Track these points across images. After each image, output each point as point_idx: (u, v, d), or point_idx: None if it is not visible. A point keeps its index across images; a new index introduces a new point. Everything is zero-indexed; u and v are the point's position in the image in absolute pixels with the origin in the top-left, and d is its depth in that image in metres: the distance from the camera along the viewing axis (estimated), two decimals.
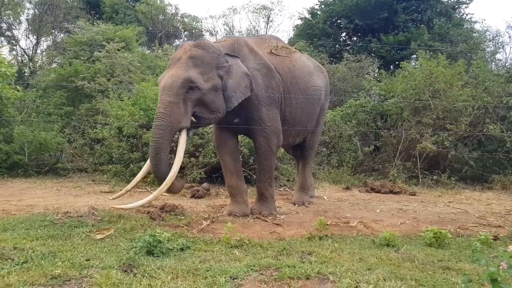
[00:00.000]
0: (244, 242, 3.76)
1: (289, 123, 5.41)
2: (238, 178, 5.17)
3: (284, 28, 42.84)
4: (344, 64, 12.56)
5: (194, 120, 4.64)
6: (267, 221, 4.84)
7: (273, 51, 5.37)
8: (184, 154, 7.09)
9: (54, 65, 14.05)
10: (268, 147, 5.07)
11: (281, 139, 5.24)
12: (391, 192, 7.34)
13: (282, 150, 7.17)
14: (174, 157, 4.68)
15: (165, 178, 4.33)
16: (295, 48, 6.85)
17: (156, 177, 4.57)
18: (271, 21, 18.95)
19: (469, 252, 3.46)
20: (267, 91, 5.00)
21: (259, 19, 18.90)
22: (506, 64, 13.63)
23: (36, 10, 15.68)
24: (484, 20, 20.53)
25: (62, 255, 3.18)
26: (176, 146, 4.74)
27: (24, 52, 15.65)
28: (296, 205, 5.84)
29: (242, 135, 5.95)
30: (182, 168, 7.22)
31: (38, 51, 16.17)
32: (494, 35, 16.75)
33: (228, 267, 3.08)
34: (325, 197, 6.65)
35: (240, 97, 4.72)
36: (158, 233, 3.43)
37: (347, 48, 14.97)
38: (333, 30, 15.81)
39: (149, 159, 4.53)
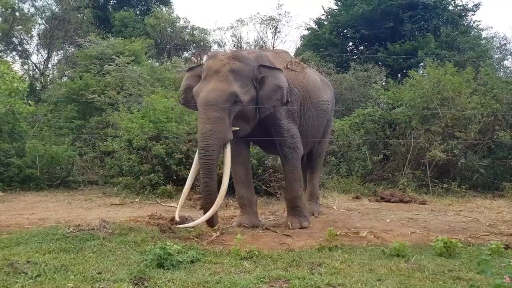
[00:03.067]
0: (254, 254, 3.77)
1: (301, 135, 5.47)
2: (248, 189, 5.20)
3: (291, 39, 43.10)
4: (351, 73, 12.59)
5: None
6: (276, 232, 4.85)
7: (288, 66, 5.42)
8: None
9: (65, 79, 14.27)
10: (296, 158, 5.12)
11: (302, 149, 5.30)
12: (401, 201, 7.30)
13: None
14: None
15: (214, 196, 4.35)
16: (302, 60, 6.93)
17: (207, 195, 4.41)
18: (278, 32, 19.06)
19: (475, 263, 3.43)
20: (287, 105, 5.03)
21: (266, 30, 19.03)
22: None
23: (47, 25, 15.97)
24: (492, 27, 20.40)
25: (74, 268, 3.22)
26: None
27: (36, 66, 15.92)
28: None
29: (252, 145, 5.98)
30: None
31: (49, 65, 16.44)
32: (502, 42, 16.68)
33: (238, 279, 3.10)
34: (335, 207, 6.64)
35: (269, 109, 4.75)
36: (168, 246, 3.46)
37: (354, 57, 14.99)
38: (339, 40, 15.88)
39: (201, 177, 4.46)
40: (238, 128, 4.59)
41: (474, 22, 16.38)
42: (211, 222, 4.50)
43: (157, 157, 7.30)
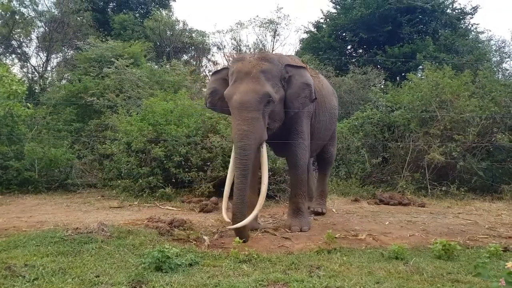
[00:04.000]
0: (253, 257, 3.77)
1: (314, 138, 5.62)
2: (252, 192, 5.19)
3: (290, 42, 43.10)
4: (350, 76, 12.62)
5: None
6: (275, 235, 4.84)
7: None
8: (193, 168, 7.20)
9: (64, 81, 14.28)
10: (304, 161, 5.18)
11: (309, 153, 5.41)
12: (400, 203, 7.30)
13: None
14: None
15: (246, 197, 4.39)
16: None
17: (241, 196, 4.34)
18: (278, 35, 19.09)
19: (473, 265, 3.43)
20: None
21: (266, 33, 19.06)
22: None
23: (46, 28, 15.98)
24: (490, 30, 20.48)
25: (72, 271, 3.22)
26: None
27: (35, 69, 15.93)
28: (314, 213, 6.10)
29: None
30: (190, 182, 7.29)
31: (48, 68, 16.46)
32: (500, 45, 16.72)
33: (237, 282, 3.09)
34: (334, 210, 6.64)
35: (298, 107, 4.85)
36: (166, 249, 3.46)
37: (353, 61, 15.02)
38: (338, 43, 15.91)
39: (235, 178, 4.43)
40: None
41: (472, 25, 16.43)
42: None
43: (156, 160, 7.30)
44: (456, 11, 16.20)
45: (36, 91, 13.98)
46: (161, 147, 7.28)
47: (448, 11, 16.00)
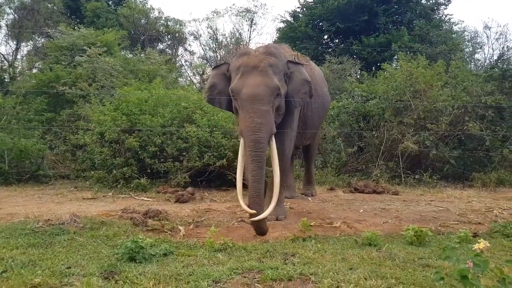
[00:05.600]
0: (228, 246, 3.76)
1: (308, 126, 5.74)
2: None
3: (267, 31, 42.87)
4: (326, 66, 12.67)
5: None
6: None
7: (295, 59, 5.51)
8: (168, 158, 7.13)
9: (34, 70, 13.89)
10: (289, 150, 5.24)
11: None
12: (374, 192, 7.42)
13: None
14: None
15: (263, 190, 4.27)
16: None
17: (257, 188, 4.22)
18: (254, 24, 19.01)
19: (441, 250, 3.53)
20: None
21: (242, 22, 18.94)
22: (485, 64, 13.90)
23: (16, 15, 15.47)
24: (463, 21, 20.90)
25: (42, 263, 3.15)
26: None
27: (4, 58, 15.44)
28: (306, 196, 6.74)
29: None
30: (166, 173, 7.22)
31: (18, 56, 15.98)
32: (473, 35, 17.09)
33: (211, 271, 3.08)
34: (310, 198, 6.69)
35: (299, 102, 4.98)
36: (140, 239, 3.41)
37: (329, 50, 15.10)
38: (315, 33, 15.95)
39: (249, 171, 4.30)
40: None
41: (446, 16, 16.74)
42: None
43: (131, 150, 7.19)
44: (431, 1, 16.47)
45: (6, 80, 13.54)
46: (135, 138, 7.17)
47: (423, 1, 16.25)
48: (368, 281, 2.90)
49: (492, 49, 16.55)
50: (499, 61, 11.89)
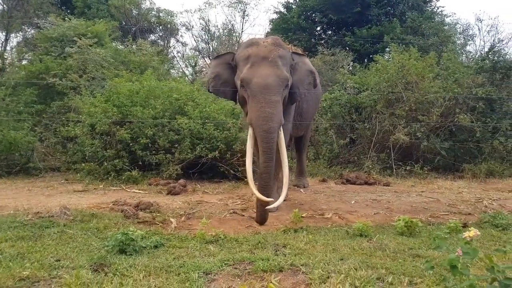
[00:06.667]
0: (220, 237, 3.76)
1: (302, 118, 5.84)
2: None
3: (260, 22, 42.58)
4: (319, 58, 12.64)
5: None
6: (243, 216, 4.85)
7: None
8: (160, 150, 7.10)
9: (24, 62, 13.67)
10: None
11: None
12: (366, 183, 7.45)
13: None
14: None
15: (273, 180, 4.47)
16: None
17: (268, 177, 4.36)
18: (247, 16, 18.89)
19: (431, 240, 3.55)
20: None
21: (235, 13, 18.82)
22: (476, 56, 13.95)
23: (5, 5, 15.22)
24: (455, 13, 20.93)
25: (31, 256, 3.12)
26: None
27: None
28: (298, 187, 6.75)
29: None
30: (158, 165, 7.18)
31: (8, 47, 15.74)
32: (464, 27, 17.13)
33: (202, 262, 3.07)
34: (302, 190, 6.70)
35: (304, 93, 5.08)
36: (131, 231, 3.39)
37: (322, 42, 15.06)
38: (307, 24, 15.88)
39: (261, 160, 4.40)
40: None
41: (438, 8, 16.74)
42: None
43: (122, 142, 7.14)
44: None
45: None
46: (126, 129, 7.11)
47: None
48: (358, 271, 2.91)
49: (484, 41, 16.66)
50: (490, 53, 11.90)
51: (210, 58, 16.97)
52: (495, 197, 6.40)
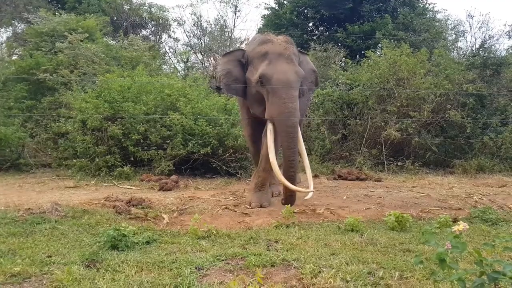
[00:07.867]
0: (212, 233, 3.77)
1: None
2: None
3: (252, 18, 42.47)
4: (311, 54, 12.63)
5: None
6: (236, 211, 4.86)
7: None
8: (152, 146, 7.08)
9: (14, 57, 13.52)
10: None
11: None
12: (358, 179, 7.50)
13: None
14: None
15: (298, 172, 4.96)
16: None
17: (295, 169, 4.82)
18: (239, 11, 18.81)
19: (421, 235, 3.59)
20: None
21: (227, 9, 18.73)
22: (467, 52, 14.03)
23: None
24: (446, 10, 21.03)
25: (22, 252, 3.11)
26: None
27: None
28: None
29: None
30: (150, 161, 7.16)
31: None
32: (456, 24, 17.21)
33: (194, 258, 3.08)
34: None
35: (306, 90, 5.24)
36: (123, 227, 3.39)
37: (314, 38, 15.05)
38: (300, 20, 15.85)
39: (288, 155, 4.73)
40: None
41: (429, 4, 16.77)
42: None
43: (113, 138, 7.11)
44: None
45: None
46: (118, 125, 7.08)
47: None
48: (349, 266, 2.94)
49: (475, 37, 16.71)
50: (481, 49, 11.98)
51: (202, 53, 16.91)
52: (485, 192, 6.48)
